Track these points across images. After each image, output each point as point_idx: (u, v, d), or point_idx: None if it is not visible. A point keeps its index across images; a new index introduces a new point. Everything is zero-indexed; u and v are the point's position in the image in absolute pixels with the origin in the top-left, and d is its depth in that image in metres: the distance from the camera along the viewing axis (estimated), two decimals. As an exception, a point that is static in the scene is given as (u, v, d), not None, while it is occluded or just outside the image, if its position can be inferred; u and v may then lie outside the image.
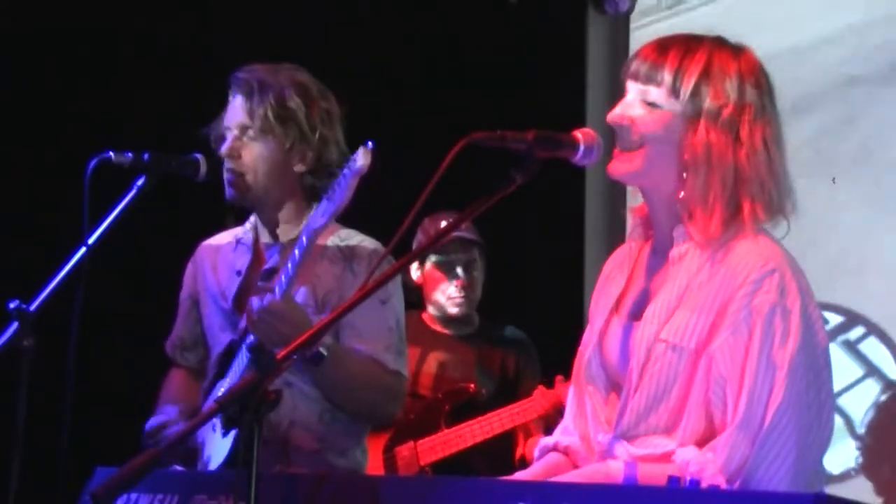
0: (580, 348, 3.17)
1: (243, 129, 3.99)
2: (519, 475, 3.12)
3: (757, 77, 2.98)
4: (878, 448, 5.30)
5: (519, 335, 5.61)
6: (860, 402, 5.30)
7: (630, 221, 3.14)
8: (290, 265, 3.72)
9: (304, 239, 3.69)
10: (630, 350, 2.96)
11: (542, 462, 3.14)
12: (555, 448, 3.15)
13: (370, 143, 3.49)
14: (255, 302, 3.74)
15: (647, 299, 3.00)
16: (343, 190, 3.54)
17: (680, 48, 2.97)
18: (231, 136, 4.00)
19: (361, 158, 3.48)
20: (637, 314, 3.00)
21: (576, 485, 2.79)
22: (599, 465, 2.94)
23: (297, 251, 3.70)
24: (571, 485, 2.79)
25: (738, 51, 3.00)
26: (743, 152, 2.92)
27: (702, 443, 2.86)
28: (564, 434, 3.15)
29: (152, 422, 4.04)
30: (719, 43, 3.00)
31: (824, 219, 5.34)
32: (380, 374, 3.93)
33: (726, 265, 2.90)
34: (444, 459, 5.30)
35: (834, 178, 5.44)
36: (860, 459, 5.31)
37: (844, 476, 5.31)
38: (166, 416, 4.04)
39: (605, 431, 3.00)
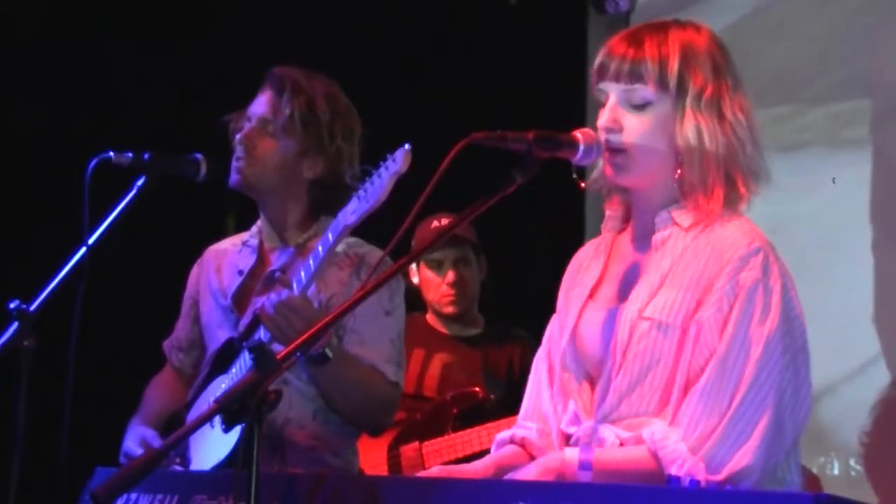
0: (544, 341, 3.17)
1: (265, 123, 4.00)
2: (469, 466, 3.07)
3: (722, 51, 2.99)
4: (879, 447, 5.30)
5: (523, 334, 5.55)
6: (860, 400, 5.29)
7: (606, 212, 3.13)
8: (311, 261, 3.69)
9: (330, 236, 3.64)
10: (611, 334, 2.94)
11: (496, 454, 3.12)
12: (511, 441, 3.14)
13: (408, 145, 3.38)
14: (272, 296, 3.71)
15: (628, 284, 2.99)
16: (378, 190, 3.47)
17: (652, 38, 2.95)
18: (250, 125, 4.02)
19: (401, 160, 3.39)
20: (619, 299, 2.98)
21: (576, 485, 2.80)
22: (555, 454, 2.93)
23: (320, 247, 3.67)
24: (571, 485, 2.79)
25: (697, 28, 3.01)
26: (728, 128, 2.94)
27: None
28: (521, 427, 3.15)
29: (130, 447, 3.97)
30: (681, 24, 3.00)
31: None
32: (379, 384, 3.93)
33: (712, 245, 2.91)
34: (449, 464, 5.26)
35: (834, 179, 5.43)
36: (860, 459, 5.31)
37: (845, 475, 5.30)
38: (142, 434, 3.98)
39: (584, 419, 2.98)
